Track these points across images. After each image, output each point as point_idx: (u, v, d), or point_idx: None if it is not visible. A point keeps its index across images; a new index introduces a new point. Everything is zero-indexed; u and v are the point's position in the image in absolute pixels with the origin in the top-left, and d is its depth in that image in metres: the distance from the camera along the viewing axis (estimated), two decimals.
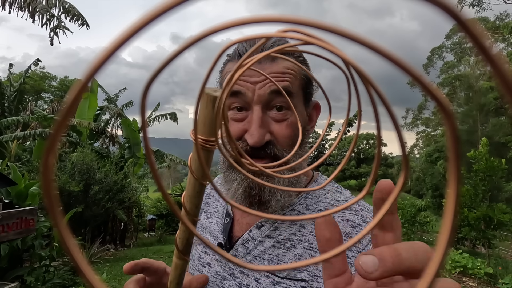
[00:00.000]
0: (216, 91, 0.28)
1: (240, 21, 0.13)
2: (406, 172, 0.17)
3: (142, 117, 0.13)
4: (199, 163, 0.30)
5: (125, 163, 9.80)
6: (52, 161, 0.13)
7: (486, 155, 7.92)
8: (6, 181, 3.92)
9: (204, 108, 0.28)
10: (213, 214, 0.82)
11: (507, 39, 23.89)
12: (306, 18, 0.13)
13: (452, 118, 0.13)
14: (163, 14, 0.11)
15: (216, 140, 0.27)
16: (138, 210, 10.96)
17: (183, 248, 0.41)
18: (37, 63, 12.67)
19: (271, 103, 0.63)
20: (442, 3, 0.11)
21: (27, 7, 7.78)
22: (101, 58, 0.12)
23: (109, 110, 11.66)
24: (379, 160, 0.19)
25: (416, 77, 0.13)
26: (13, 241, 3.67)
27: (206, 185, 0.35)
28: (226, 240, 0.72)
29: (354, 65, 0.16)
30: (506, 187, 12.14)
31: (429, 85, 0.13)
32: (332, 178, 0.31)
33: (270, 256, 0.66)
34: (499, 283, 6.04)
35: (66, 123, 0.12)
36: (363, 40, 0.13)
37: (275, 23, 0.14)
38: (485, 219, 7.78)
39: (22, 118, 10.06)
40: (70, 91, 0.13)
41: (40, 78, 28.94)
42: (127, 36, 0.11)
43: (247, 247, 0.69)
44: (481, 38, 0.11)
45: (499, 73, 0.12)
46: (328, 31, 0.14)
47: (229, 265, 0.71)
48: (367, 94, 0.15)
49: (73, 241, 0.14)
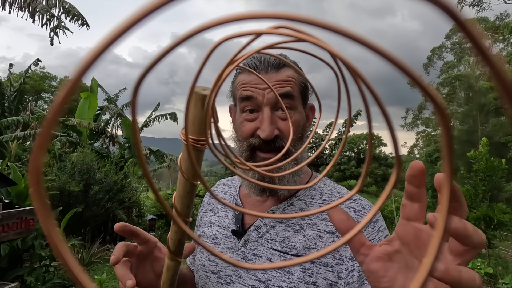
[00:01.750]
0: (205, 90, 0.28)
1: (232, 17, 0.13)
2: (399, 169, 0.16)
3: (133, 112, 0.13)
4: (189, 163, 0.30)
5: (125, 163, 9.79)
6: (41, 160, 0.13)
7: (486, 155, 7.91)
8: (6, 181, 3.92)
9: (193, 107, 0.28)
10: (221, 209, 0.90)
11: (507, 39, 23.87)
12: (297, 14, 0.13)
13: (445, 112, 0.13)
14: (152, 13, 0.11)
15: (206, 140, 0.27)
16: (138, 210, 10.95)
17: (175, 249, 0.40)
18: (37, 63, 12.67)
19: (277, 105, 0.75)
20: (441, 2, 0.11)
21: (27, 7, 7.78)
22: (90, 57, 0.12)
23: (109, 110, 11.66)
24: (371, 154, 0.19)
25: (405, 70, 0.13)
26: (13, 241, 3.67)
27: (197, 185, 0.34)
28: (240, 227, 0.81)
29: (342, 59, 0.15)
30: (506, 187, 12.14)
31: (418, 78, 0.13)
32: (325, 173, 0.31)
33: (281, 238, 0.75)
34: (499, 283, 6.04)
35: (56, 122, 0.12)
36: (354, 36, 0.13)
37: (268, 19, 0.14)
38: (485, 219, 7.77)
39: (22, 118, 10.06)
40: (60, 90, 0.12)
41: (40, 78, 28.95)
42: (115, 36, 0.11)
43: (259, 232, 0.78)
44: (479, 38, 0.12)
45: (497, 74, 0.12)
46: (320, 28, 0.14)
47: (242, 250, 0.78)
48: (359, 91, 0.15)
49: (64, 243, 0.14)
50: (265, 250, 0.75)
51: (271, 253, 0.74)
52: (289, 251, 0.72)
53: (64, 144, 10.09)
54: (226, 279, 0.78)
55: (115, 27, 0.12)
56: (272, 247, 0.75)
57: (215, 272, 0.80)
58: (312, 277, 0.69)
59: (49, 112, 0.13)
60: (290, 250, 0.72)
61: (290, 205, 0.79)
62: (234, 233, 0.81)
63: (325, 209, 0.29)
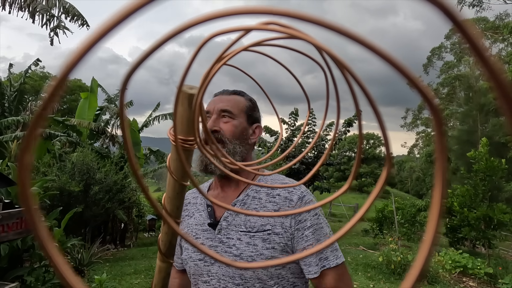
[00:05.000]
0: (192, 89, 0.27)
1: (223, 12, 0.13)
2: (389, 166, 0.16)
3: (121, 111, 0.13)
4: (178, 163, 0.29)
5: (125, 163, 9.79)
6: (28, 159, 0.12)
7: (486, 155, 7.90)
8: (6, 181, 3.92)
9: (180, 106, 0.27)
10: (195, 212, 1.13)
11: (507, 39, 23.85)
12: (290, 10, 0.13)
13: (440, 116, 0.13)
14: (137, 11, 0.11)
15: (195, 139, 0.26)
16: (138, 210, 10.95)
17: (166, 251, 0.40)
18: (37, 63, 12.66)
19: (221, 114, 1.06)
20: (439, 3, 0.11)
21: (27, 7, 7.77)
22: (75, 56, 0.12)
23: (109, 110, 11.65)
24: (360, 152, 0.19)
25: (395, 64, 0.12)
26: (13, 241, 3.67)
27: (186, 185, 0.34)
28: (214, 220, 1.06)
29: (330, 54, 0.15)
30: (506, 187, 12.12)
31: (416, 78, 0.13)
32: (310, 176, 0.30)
33: (244, 222, 1.01)
34: (499, 283, 6.04)
35: (43, 121, 0.12)
36: (348, 32, 0.13)
37: (261, 15, 0.14)
38: (485, 219, 7.76)
39: (22, 118, 10.06)
40: (46, 89, 0.12)
41: (40, 78, 28.93)
42: (100, 34, 0.11)
43: (228, 220, 1.03)
44: (476, 39, 0.11)
45: (493, 75, 0.12)
46: (314, 24, 0.14)
47: (218, 236, 1.02)
48: (348, 87, 0.15)
49: (52, 242, 0.13)
50: (234, 233, 1.01)
51: (239, 234, 0.99)
52: (251, 230, 0.99)
53: (64, 144, 10.09)
54: (210, 261, 1.04)
55: (101, 25, 0.12)
56: (239, 229, 1.00)
57: (201, 259, 1.05)
58: (270, 243, 0.96)
59: (37, 110, 0.12)
60: (252, 229, 0.99)
61: (246, 196, 1.05)
62: (210, 225, 1.06)
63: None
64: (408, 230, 10.68)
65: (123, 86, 0.13)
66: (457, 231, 8.70)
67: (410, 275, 0.12)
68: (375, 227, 11.49)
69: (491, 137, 17.20)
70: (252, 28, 0.16)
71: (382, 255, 7.03)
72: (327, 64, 0.22)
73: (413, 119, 40.16)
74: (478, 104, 21.19)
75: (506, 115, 0.13)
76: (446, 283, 6.11)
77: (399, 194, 32.54)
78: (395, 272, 6.56)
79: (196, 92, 0.21)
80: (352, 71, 0.15)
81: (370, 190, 5.45)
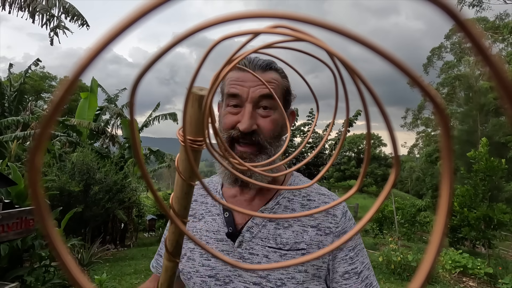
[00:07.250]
0: (202, 90, 0.27)
1: (230, 17, 0.13)
2: (398, 169, 0.16)
3: (131, 112, 0.13)
4: (186, 163, 0.29)
5: (125, 163, 9.78)
6: (39, 161, 0.13)
7: (486, 155, 7.91)
8: (6, 181, 3.92)
9: (190, 107, 0.28)
10: (206, 215, 0.91)
11: (507, 39, 23.86)
12: (296, 14, 0.13)
13: (445, 113, 0.13)
14: (149, 13, 0.11)
15: (204, 140, 0.27)
16: (138, 210, 10.94)
17: (173, 250, 0.40)
18: (37, 63, 12.66)
19: (259, 103, 0.79)
20: (441, 2, 0.11)
21: (27, 7, 7.77)
22: (88, 57, 0.12)
23: (109, 110, 11.65)
24: (369, 155, 0.19)
25: (402, 67, 0.12)
26: (13, 241, 3.67)
27: (194, 185, 0.34)
28: (233, 229, 0.84)
29: (340, 58, 0.15)
30: (506, 187, 12.12)
31: (418, 77, 0.13)
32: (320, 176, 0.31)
33: (273, 236, 0.81)
34: (499, 283, 6.04)
35: (54, 121, 0.12)
36: (352, 34, 0.13)
37: (267, 18, 0.14)
38: (485, 219, 7.77)
39: (22, 118, 10.05)
40: (58, 89, 0.12)
41: (40, 78, 28.92)
42: (113, 35, 0.11)
43: (252, 232, 0.82)
44: (479, 38, 0.11)
45: (497, 74, 0.12)
46: (319, 27, 0.14)
47: (238, 250, 0.81)
48: (357, 90, 0.15)
49: (63, 244, 0.13)
50: (260, 249, 0.80)
51: (267, 251, 0.79)
52: (283, 246, 0.79)
53: (64, 144, 10.08)
54: (224, 280, 0.81)
55: (113, 26, 0.12)
56: (267, 244, 0.80)
57: (212, 275, 0.82)
58: (304, 265, 0.78)
59: (47, 111, 0.13)
60: (284, 245, 0.79)
61: (276, 204, 0.85)
62: (228, 235, 0.84)
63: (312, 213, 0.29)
64: (408, 230, 10.69)
65: (133, 90, 0.13)
66: (457, 231, 8.71)
67: (418, 276, 0.12)
68: (375, 227, 11.50)
69: (491, 137, 17.21)
70: (261, 31, 0.16)
71: (382, 255, 7.04)
72: (337, 66, 0.22)
73: (413, 119, 40.19)
74: (478, 104, 21.20)
75: (509, 114, 0.13)
76: (446, 283, 6.11)
77: (399, 194, 32.53)
78: (395, 272, 6.57)
79: (206, 93, 0.21)
80: (362, 75, 0.15)
81: (370, 190, 5.52)
